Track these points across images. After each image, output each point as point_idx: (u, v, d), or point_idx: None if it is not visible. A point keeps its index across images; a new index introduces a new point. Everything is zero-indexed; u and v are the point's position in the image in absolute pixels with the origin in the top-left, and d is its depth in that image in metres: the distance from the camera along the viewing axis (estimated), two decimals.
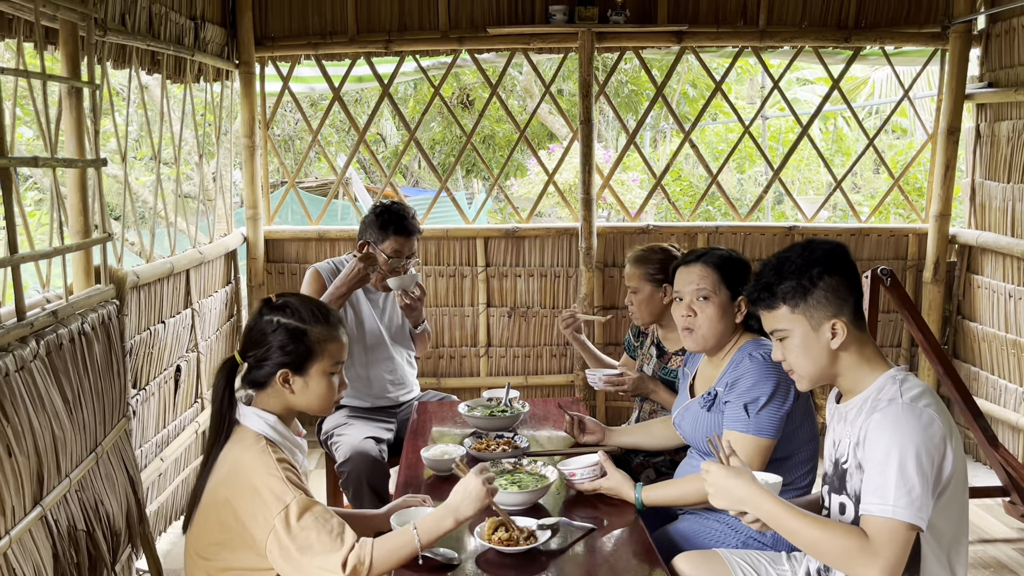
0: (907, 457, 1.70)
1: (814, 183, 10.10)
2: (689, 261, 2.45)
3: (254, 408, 1.95)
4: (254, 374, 1.95)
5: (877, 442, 1.74)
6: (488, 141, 11.85)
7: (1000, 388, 4.33)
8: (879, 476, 1.72)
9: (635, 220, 4.91)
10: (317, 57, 4.60)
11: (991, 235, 4.37)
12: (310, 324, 1.95)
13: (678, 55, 4.74)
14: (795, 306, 1.87)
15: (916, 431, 1.71)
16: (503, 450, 2.61)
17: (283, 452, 1.91)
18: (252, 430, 1.92)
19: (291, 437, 1.97)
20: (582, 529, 2.13)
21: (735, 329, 2.41)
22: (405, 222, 3.26)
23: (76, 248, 2.41)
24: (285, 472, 1.82)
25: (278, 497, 1.78)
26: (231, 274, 4.54)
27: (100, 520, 2.35)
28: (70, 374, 2.23)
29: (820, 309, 1.86)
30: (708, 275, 2.40)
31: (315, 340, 1.95)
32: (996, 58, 4.40)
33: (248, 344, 1.97)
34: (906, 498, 1.68)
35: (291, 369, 1.94)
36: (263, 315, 1.97)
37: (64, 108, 2.46)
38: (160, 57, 3.50)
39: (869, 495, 1.73)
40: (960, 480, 1.81)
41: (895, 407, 1.76)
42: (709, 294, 2.38)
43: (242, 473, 1.83)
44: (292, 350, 1.93)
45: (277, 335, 1.93)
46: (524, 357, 4.89)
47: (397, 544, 1.84)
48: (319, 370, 1.96)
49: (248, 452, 1.86)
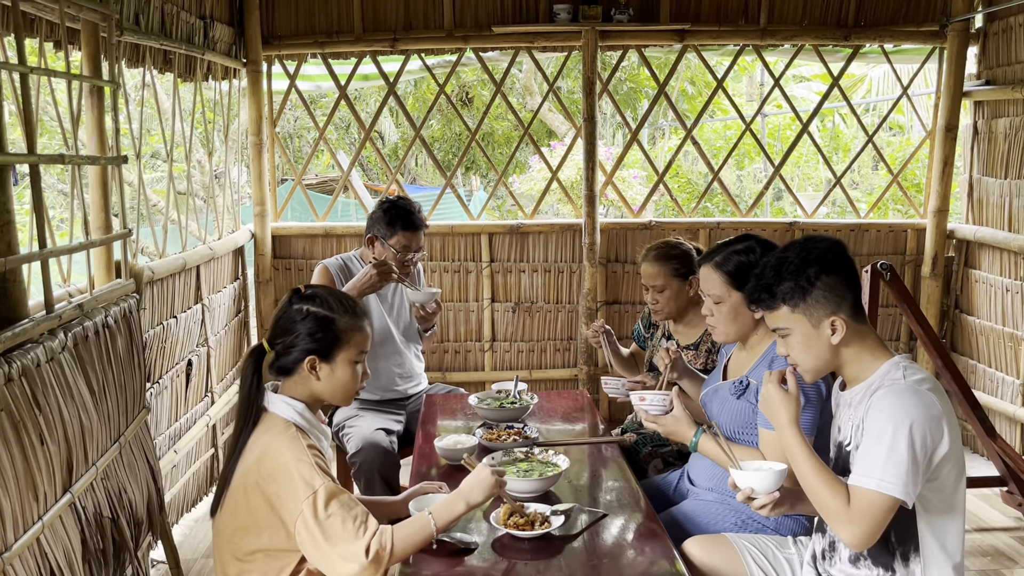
0: (900, 433, 1.77)
1: (813, 180, 10.18)
2: (706, 261, 2.49)
3: (282, 396, 2.01)
4: (282, 360, 2.02)
5: (875, 417, 1.82)
6: (487, 138, 11.90)
7: (997, 380, 4.40)
8: (871, 449, 1.80)
9: (637, 216, 4.98)
10: (323, 56, 4.65)
11: (988, 230, 4.44)
12: (338, 313, 2.02)
13: (680, 53, 4.80)
14: (795, 306, 1.93)
15: (914, 409, 1.79)
16: (514, 440, 2.67)
17: (311, 438, 1.97)
18: (281, 417, 1.98)
19: (318, 424, 2.04)
20: (594, 515, 2.20)
21: (756, 324, 2.43)
22: (412, 217, 3.32)
23: (100, 243, 2.47)
24: (314, 458, 1.88)
25: (307, 482, 1.85)
26: (239, 270, 4.60)
27: (123, 508, 2.41)
28: (95, 365, 2.28)
29: (819, 308, 1.92)
30: (716, 279, 2.44)
31: (342, 329, 2.02)
32: (993, 56, 4.47)
33: (277, 332, 2.04)
34: (893, 471, 1.76)
35: (319, 356, 2.00)
36: (292, 304, 2.04)
37: (86, 107, 2.52)
38: (172, 56, 3.56)
39: (858, 465, 1.83)
40: (956, 461, 1.87)
41: (897, 387, 1.83)
42: (719, 299, 2.43)
43: (273, 458, 1.89)
44: (320, 337, 2.00)
45: (306, 323, 2.00)
46: (528, 352, 4.95)
47: (415, 529, 1.91)
48: (345, 358, 2.03)
49: (279, 438, 1.92)
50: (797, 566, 2.17)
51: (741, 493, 1.94)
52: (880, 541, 1.87)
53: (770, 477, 1.92)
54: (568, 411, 3.17)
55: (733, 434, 2.40)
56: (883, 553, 1.92)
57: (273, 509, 1.89)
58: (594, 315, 4.74)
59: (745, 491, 1.94)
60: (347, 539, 1.82)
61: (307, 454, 1.88)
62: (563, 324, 4.92)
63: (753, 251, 2.43)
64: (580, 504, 2.24)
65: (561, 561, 1.99)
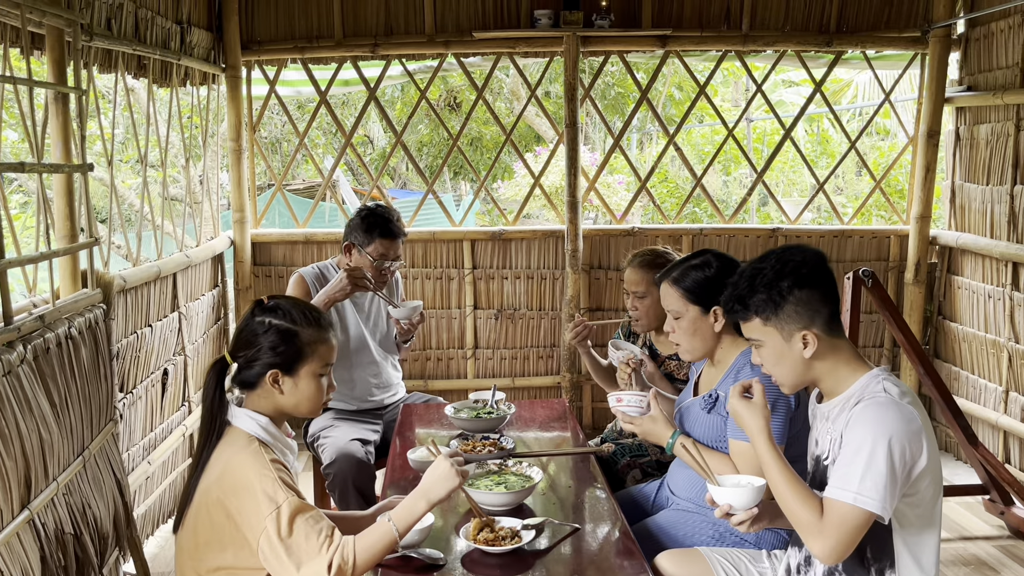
0: (879, 447, 1.74)
1: (798, 185, 10.18)
2: (664, 277, 2.49)
3: (246, 409, 1.97)
4: (244, 374, 1.97)
5: (854, 430, 1.79)
6: (476, 143, 11.88)
7: (980, 387, 4.39)
8: (848, 463, 1.77)
9: (621, 222, 4.95)
10: (303, 61, 4.61)
11: (971, 236, 4.44)
12: (301, 326, 1.98)
13: (662, 59, 4.78)
14: (766, 319, 1.91)
15: (894, 423, 1.76)
16: (489, 451, 2.64)
17: (275, 453, 1.93)
18: (244, 431, 1.94)
19: (282, 438, 1.99)
20: (566, 528, 2.16)
21: (718, 337, 2.42)
22: (390, 225, 3.28)
23: (63, 253, 2.42)
24: (278, 473, 1.85)
25: (270, 498, 1.81)
26: (218, 277, 4.55)
27: (87, 523, 2.36)
28: (57, 378, 2.24)
29: (791, 321, 1.89)
30: (673, 294, 2.43)
31: (305, 342, 1.97)
32: (975, 62, 4.47)
33: (239, 344, 1.99)
34: (870, 485, 1.73)
35: (281, 370, 1.96)
36: (255, 316, 1.99)
37: (50, 113, 2.47)
38: (146, 61, 3.51)
39: (835, 478, 1.79)
40: (934, 476, 1.85)
41: (877, 400, 1.81)
42: (678, 314, 2.43)
43: (235, 473, 1.85)
44: (283, 351, 1.95)
45: (268, 336, 1.96)
46: (511, 359, 4.91)
47: (376, 537, 1.87)
48: (308, 371, 1.98)
49: (241, 453, 1.88)
50: None
51: (719, 509, 1.91)
52: (855, 556, 1.84)
53: (748, 493, 1.88)
54: (547, 421, 3.14)
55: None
56: (858, 568, 1.89)
57: (236, 526, 1.85)
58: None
59: (723, 507, 1.90)
60: (310, 555, 1.79)
61: (270, 469, 1.84)
62: (546, 331, 4.89)
63: (709, 265, 2.42)
64: (552, 518, 2.21)
65: None
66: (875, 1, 4.60)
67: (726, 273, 2.32)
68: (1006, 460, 4.20)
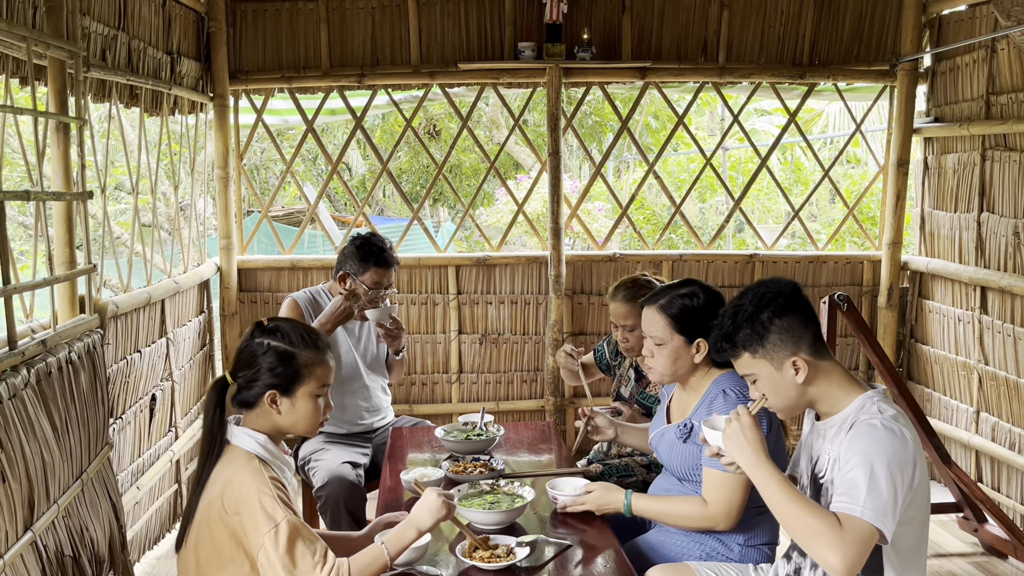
0: (879, 467, 1.81)
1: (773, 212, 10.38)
2: (650, 303, 2.51)
3: (245, 428, 2.02)
4: (243, 394, 2.03)
5: (852, 452, 1.86)
6: (455, 170, 11.99)
7: (952, 408, 4.51)
8: (851, 481, 1.83)
9: (602, 248, 5.05)
10: (291, 90, 4.69)
11: (940, 262, 4.58)
12: (299, 348, 2.03)
13: (642, 90, 4.92)
14: (754, 352, 1.99)
15: (890, 446, 1.83)
16: (480, 472, 2.70)
17: (274, 470, 1.98)
18: (244, 449, 1.99)
19: (280, 456, 2.04)
20: (559, 546, 2.22)
21: (695, 367, 2.47)
22: (385, 254, 3.37)
23: (64, 279, 2.46)
24: (276, 491, 1.90)
25: (269, 515, 1.86)
26: (204, 303, 4.58)
27: (85, 546, 2.38)
28: (58, 402, 2.27)
29: (778, 350, 1.97)
30: (659, 322, 2.45)
31: (303, 363, 2.03)
32: (942, 94, 4.65)
33: (239, 365, 2.05)
34: (873, 503, 1.79)
35: (279, 390, 2.01)
36: (254, 337, 2.05)
37: (52, 143, 2.53)
38: (139, 91, 3.57)
39: (839, 496, 1.85)
40: (923, 498, 1.92)
41: (874, 422, 1.88)
42: (661, 341, 2.46)
43: (236, 490, 1.90)
44: (281, 372, 2.01)
45: (267, 357, 2.01)
46: (495, 383, 4.97)
47: (369, 559, 1.94)
48: (306, 392, 2.04)
49: (242, 470, 1.93)
50: None
51: (709, 449, 2.04)
52: None
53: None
54: (534, 442, 3.20)
55: (685, 476, 2.45)
56: None
57: (237, 542, 1.90)
58: (560, 347, 4.78)
59: (713, 448, 2.03)
60: (305, 573, 1.84)
61: (269, 487, 1.89)
62: (530, 355, 4.96)
63: (696, 296, 2.46)
64: (545, 535, 2.27)
65: None
66: (846, 36, 4.77)
67: (712, 305, 2.40)
68: (978, 479, 4.32)
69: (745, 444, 1.95)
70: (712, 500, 2.30)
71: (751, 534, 2.38)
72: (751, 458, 1.94)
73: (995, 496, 4.12)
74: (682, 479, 2.46)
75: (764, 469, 1.92)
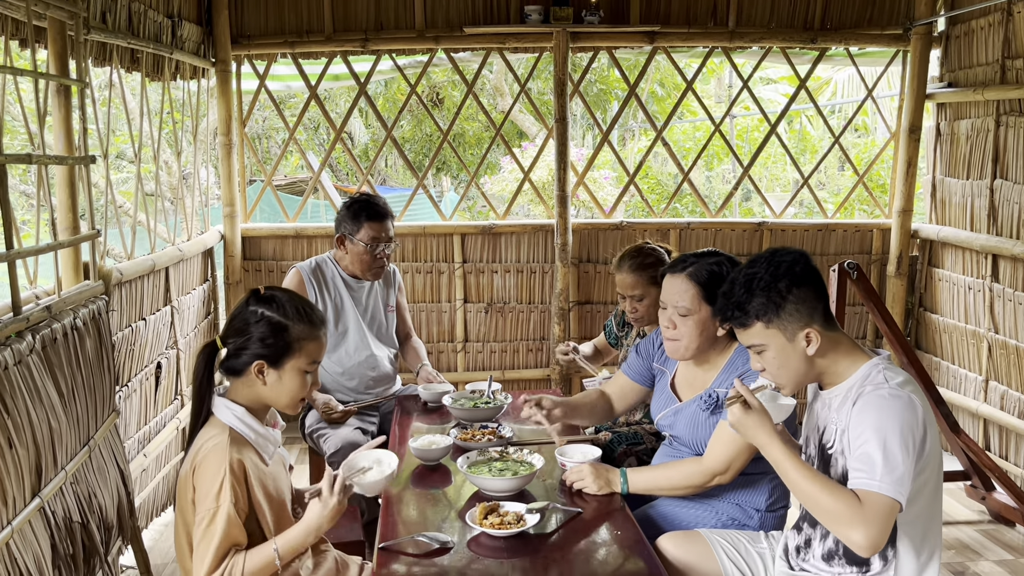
0: (891, 437, 1.78)
1: (781, 180, 10.30)
2: (676, 270, 2.40)
3: (224, 400, 2.00)
4: (232, 361, 2.00)
5: (863, 423, 1.83)
6: (458, 139, 11.89)
7: (960, 377, 4.49)
8: (865, 453, 1.80)
9: (609, 217, 5.01)
10: (293, 55, 4.62)
11: (951, 230, 4.54)
12: (292, 321, 1.99)
13: (650, 55, 4.84)
14: (768, 321, 1.93)
15: (900, 413, 1.80)
16: (488, 440, 2.68)
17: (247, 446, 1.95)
18: (220, 420, 1.97)
19: (260, 429, 2.01)
20: (568, 513, 2.21)
21: (718, 339, 2.39)
22: (376, 207, 3.33)
23: (68, 244, 2.43)
24: (231, 476, 1.86)
25: (214, 497, 1.85)
26: (208, 272, 4.55)
27: (93, 512, 2.38)
28: (64, 368, 2.25)
29: (792, 321, 1.93)
30: (689, 290, 2.34)
31: (295, 337, 1.99)
32: (956, 59, 4.57)
33: (230, 331, 2.01)
34: (890, 475, 1.76)
35: (267, 361, 1.98)
36: (248, 305, 2.01)
37: (53, 106, 2.48)
38: (140, 55, 3.51)
39: (856, 471, 1.82)
40: (935, 464, 1.90)
41: (881, 392, 1.84)
42: (688, 312, 2.34)
43: (199, 462, 1.90)
44: (272, 343, 1.97)
45: (259, 327, 1.98)
46: (501, 352, 4.96)
47: (260, 558, 1.89)
48: (294, 366, 2.00)
49: (209, 444, 1.91)
50: (769, 560, 2.20)
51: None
52: None
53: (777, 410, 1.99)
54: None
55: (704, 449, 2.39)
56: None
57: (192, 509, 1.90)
58: (566, 315, 4.77)
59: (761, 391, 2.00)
60: (206, 566, 1.83)
61: (225, 468, 1.86)
62: (536, 324, 4.94)
63: (724, 265, 2.36)
64: (555, 502, 2.26)
65: (536, 559, 2.00)
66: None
67: None
68: (986, 447, 4.31)
69: (754, 427, 1.93)
70: (714, 452, 2.24)
71: (774, 498, 2.35)
72: (763, 439, 1.92)
73: (1003, 464, 4.11)
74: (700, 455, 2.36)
75: (776, 450, 1.90)
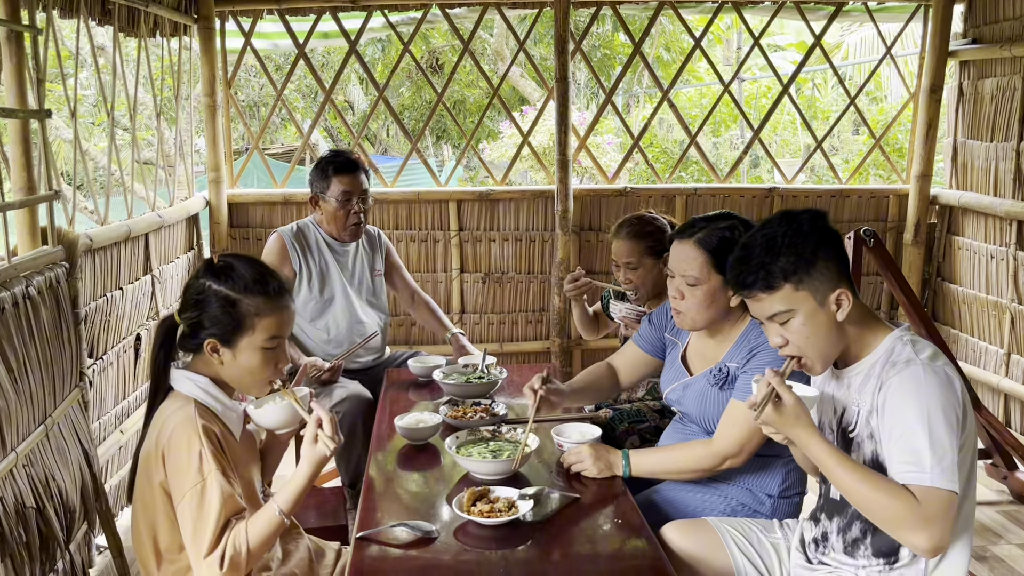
0: (936, 421, 1.60)
1: (791, 146, 10.06)
2: (684, 236, 2.19)
3: (184, 371, 1.83)
4: (187, 340, 1.83)
5: (902, 407, 1.64)
6: (459, 107, 11.63)
7: (980, 350, 4.29)
8: (910, 443, 1.61)
9: (612, 183, 4.79)
10: (280, 12, 4.39)
11: (973, 195, 4.31)
12: (243, 294, 1.79)
13: (656, 11, 4.59)
14: (799, 282, 1.71)
15: (940, 392, 1.62)
16: (480, 418, 2.50)
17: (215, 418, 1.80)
18: (182, 393, 1.80)
19: (227, 401, 1.85)
20: (565, 498, 2.03)
21: (731, 310, 2.20)
22: (343, 160, 3.20)
23: (19, 205, 2.23)
24: (209, 444, 1.71)
25: (197, 469, 1.69)
26: (193, 239, 4.36)
27: (51, 496, 2.20)
28: (14, 341, 2.07)
29: (824, 281, 1.72)
30: (698, 258, 2.13)
31: (246, 312, 1.79)
32: (980, 13, 4.31)
33: (185, 305, 1.85)
34: (941, 465, 1.58)
35: (218, 340, 1.79)
36: (199, 277, 1.83)
37: (3, 55, 2.28)
38: (111, 6, 3.29)
39: (901, 463, 1.63)
40: (972, 440, 1.72)
41: (915, 369, 1.65)
42: (696, 281, 2.14)
43: (167, 438, 1.73)
44: (220, 320, 1.79)
45: (207, 302, 1.79)
46: (499, 324, 4.77)
47: (263, 522, 1.73)
48: (250, 344, 1.80)
49: (175, 416, 1.75)
50: (784, 551, 2.02)
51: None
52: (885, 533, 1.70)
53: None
54: None
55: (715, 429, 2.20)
56: (887, 542, 1.76)
57: (165, 492, 1.74)
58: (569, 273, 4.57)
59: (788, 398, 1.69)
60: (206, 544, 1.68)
61: (200, 439, 1.70)
62: (535, 295, 4.74)
63: (737, 230, 2.14)
64: (550, 487, 2.07)
65: (529, 550, 1.81)
66: None
67: None
68: (1007, 424, 4.13)
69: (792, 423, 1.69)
70: (725, 434, 2.07)
71: (788, 483, 2.17)
72: (803, 437, 1.70)
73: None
74: (711, 434, 2.18)
75: (820, 448, 1.68)
